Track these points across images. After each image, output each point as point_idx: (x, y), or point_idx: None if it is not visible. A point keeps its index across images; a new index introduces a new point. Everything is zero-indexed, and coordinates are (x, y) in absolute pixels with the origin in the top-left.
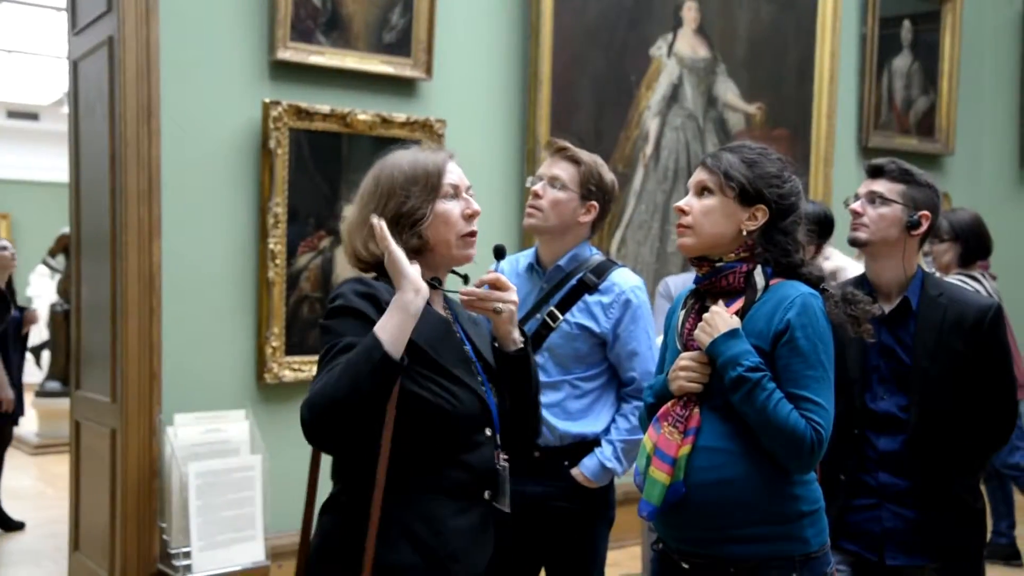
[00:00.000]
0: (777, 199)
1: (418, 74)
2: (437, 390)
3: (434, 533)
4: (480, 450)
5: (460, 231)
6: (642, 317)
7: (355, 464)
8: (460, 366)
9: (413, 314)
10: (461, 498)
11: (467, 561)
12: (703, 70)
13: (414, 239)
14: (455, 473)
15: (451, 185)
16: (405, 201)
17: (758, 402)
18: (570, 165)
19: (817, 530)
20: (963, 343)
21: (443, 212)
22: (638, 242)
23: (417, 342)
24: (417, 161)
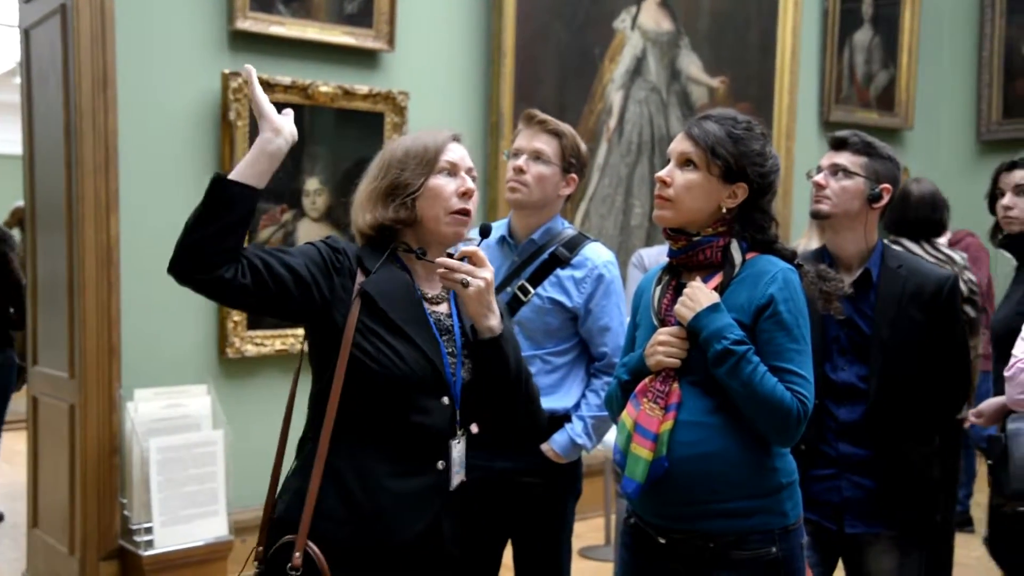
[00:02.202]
0: (759, 178)
1: (380, 45)
2: (381, 346)
3: (364, 488)
4: (431, 416)
5: (450, 207)
6: (614, 292)
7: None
8: (413, 326)
9: (269, 152)
10: (403, 461)
11: (395, 524)
12: (667, 43)
13: (403, 210)
14: (400, 435)
15: (448, 162)
16: (401, 173)
17: (744, 375)
18: (552, 138)
19: (794, 502)
20: (922, 313)
21: (435, 186)
22: (602, 215)
23: (372, 295)
24: (419, 138)
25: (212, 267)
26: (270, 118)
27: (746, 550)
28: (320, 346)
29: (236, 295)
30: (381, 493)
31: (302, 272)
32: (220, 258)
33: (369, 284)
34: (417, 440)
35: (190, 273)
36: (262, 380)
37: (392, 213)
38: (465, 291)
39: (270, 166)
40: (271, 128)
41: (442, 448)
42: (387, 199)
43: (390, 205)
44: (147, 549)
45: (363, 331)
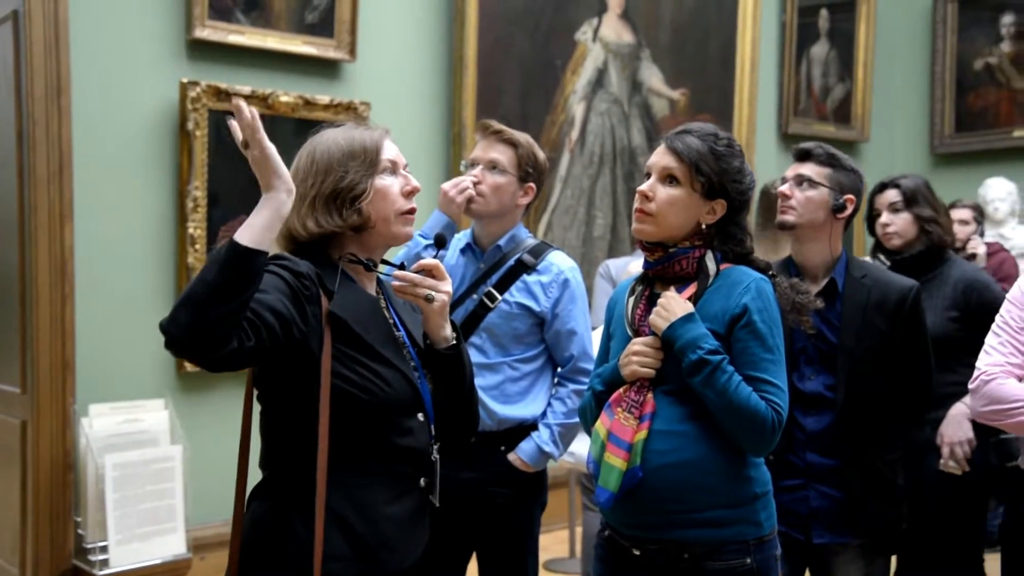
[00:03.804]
0: (738, 195)
1: (342, 55)
2: (364, 372)
3: (365, 520)
4: (413, 436)
5: (399, 208)
6: (579, 297)
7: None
8: (389, 347)
9: (283, 216)
10: (395, 485)
11: (401, 550)
12: (628, 55)
13: (354, 216)
14: (388, 459)
15: (389, 161)
16: (344, 176)
17: (719, 385)
18: (507, 148)
19: (768, 513)
20: (886, 322)
21: (382, 188)
22: (564, 227)
23: (344, 319)
24: (354, 137)
25: (227, 342)
26: (286, 177)
27: (720, 561)
28: (288, 377)
29: (241, 362)
30: (381, 522)
31: (283, 311)
32: (234, 332)
33: (337, 307)
34: (403, 461)
35: (204, 353)
36: (221, 394)
37: (342, 220)
38: (429, 306)
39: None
40: (286, 188)
41: (424, 465)
42: (332, 205)
43: (336, 211)
44: (102, 568)
45: (341, 358)
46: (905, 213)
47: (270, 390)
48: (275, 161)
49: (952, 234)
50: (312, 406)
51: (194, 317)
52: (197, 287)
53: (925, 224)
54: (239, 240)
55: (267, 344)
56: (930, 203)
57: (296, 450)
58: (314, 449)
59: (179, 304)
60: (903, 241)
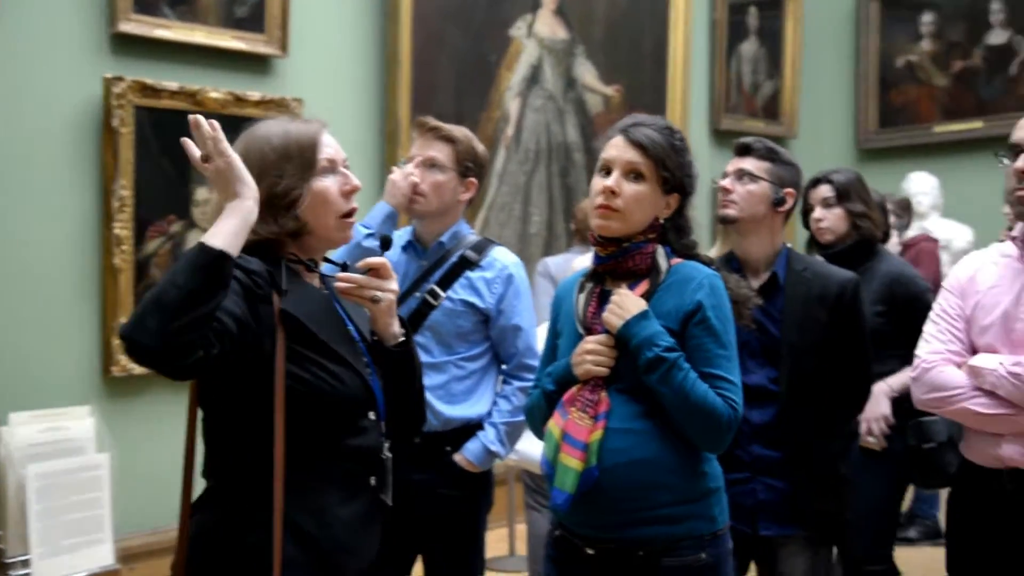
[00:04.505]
0: (690, 188)
1: (273, 51)
2: (319, 371)
3: (319, 524)
4: (365, 435)
5: (339, 211)
6: (524, 293)
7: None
8: (343, 345)
9: (251, 224)
10: (347, 486)
11: (355, 553)
12: (562, 52)
13: (290, 222)
14: (340, 459)
15: (327, 160)
16: (278, 181)
17: (675, 382)
18: (445, 144)
19: (722, 507)
20: (827, 315)
21: (321, 191)
22: (501, 224)
23: (298, 317)
24: (289, 135)
25: (195, 350)
26: (252, 184)
27: (676, 557)
28: (238, 379)
29: (205, 370)
30: (335, 524)
31: (239, 313)
32: (202, 339)
33: (290, 305)
34: (355, 461)
35: (172, 362)
36: (151, 399)
37: (278, 227)
38: (375, 306)
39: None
40: (254, 196)
41: (375, 464)
42: (267, 211)
43: (272, 218)
44: None
45: (295, 358)
46: (837, 208)
47: (216, 394)
48: (240, 169)
49: (883, 228)
50: (263, 408)
51: (164, 324)
52: (167, 292)
53: (856, 219)
54: (209, 243)
55: (228, 349)
56: (862, 198)
57: (246, 455)
58: (265, 453)
59: (145, 310)
60: (835, 236)
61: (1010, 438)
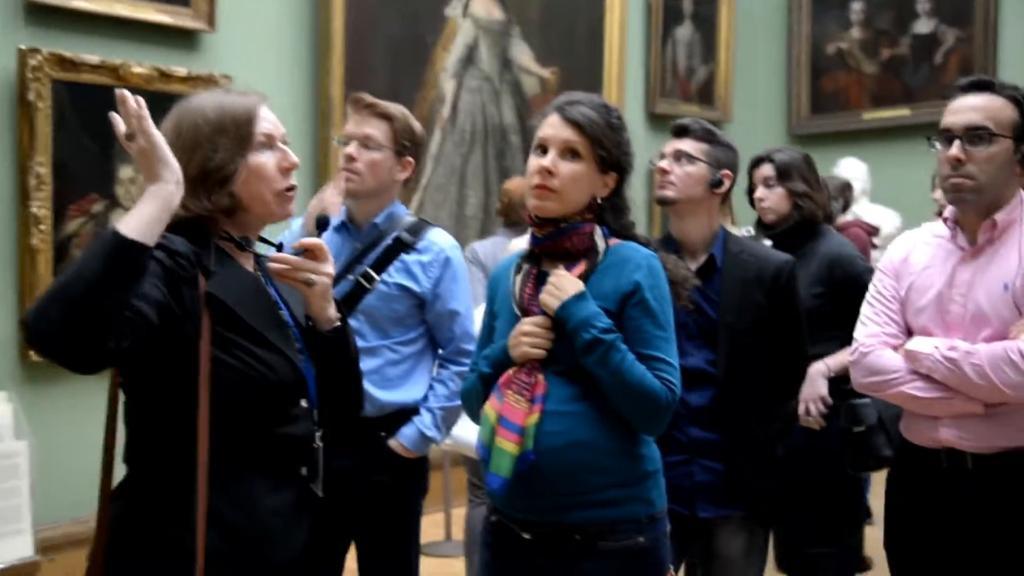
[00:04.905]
0: (627, 167)
1: (199, 25)
2: (247, 357)
3: (245, 515)
4: (296, 423)
5: (277, 187)
6: (462, 277)
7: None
8: (273, 330)
9: (172, 208)
10: (275, 476)
11: (283, 544)
12: (498, 32)
13: (224, 198)
14: (268, 448)
15: (264, 135)
16: (212, 155)
17: (613, 364)
18: (382, 122)
19: (660, 491)
20: (764, 297)
21: (257, 166)
22: (436, 205)
23: (225, 302)
24: (224, 107)
25: (102, 343)
26: (175, 167)
27: (613, 540)
28: (161, 364)
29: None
30: (261, 515)
31: (159, 298)
32: (111, 332)
33: (217, 287)
34: (284, 450)
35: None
36: (71, 385)
37: (211, 204)
38: (310, 289)
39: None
40: (176, 179)
41: (306, 454)
42: (200, 187)
43: (205, 194)
44: None
45: (221, 342)
46: (778, 188)
47: (139, 379)
48: (163, 150)
49: (824, 208)
50: (187, 395)
51: (67, 314)
52: (72, 281)
53: (797, 199)
54: (124, 232)
55: (144, 337)
56: (804, 177)
57: (169, 443)
58: (189, 441)
59: (48, 298)
60: (776, 216)
61: (947, 420)
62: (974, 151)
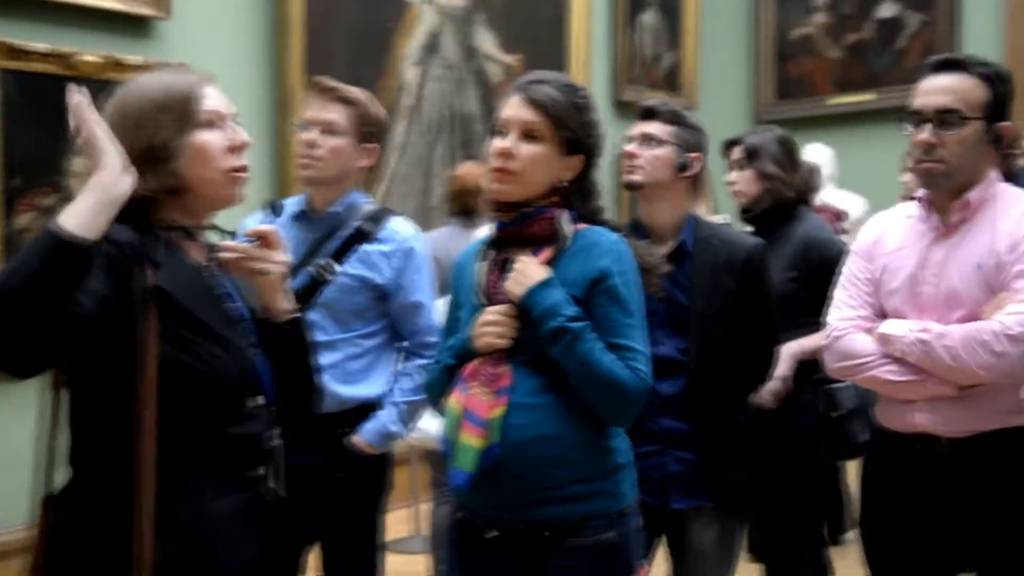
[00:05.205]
0: (594, 150)
1: (154, 12)
2: (195, 352)
3: (192, 517)
4: (249, 422)
5: (224, 166)
6: (425, 267)
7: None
8: (224, 324)
9: (114, 198)
10: (226, 477)
11: (233, 549)
12: (461, 19)
13: (168, 178)
14: (220, 448)
15: (210, 112)
16: (155, 132)
17: (580, 353)
18: (343, 107)
19: (630, 484)
20: (735, 282)
21: (201, 144)
22: (402, 196)
23: (172, 294)
24: (167, 86)
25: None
26: (114, 156)
27: (582, 536)
28: (105, 360)
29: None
30: (211, 519)
31: (102, 292)
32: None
33: (163, 279)
34: (238, 450)
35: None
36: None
37: (154, 183)
38: (263, 279)
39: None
40: (116, 167)
41: (262, 453)
42: (143, 166)
43: (148, 173)
44: None
45: (168, 337)
46: (748, 170)
47: (82, 376)
48: (100, 139)
49: (797, 189)
50: (132, 393)
51: (3, 317)
52: (9, 280)
53: (767, 180)
54: (64, 227)
55: (86, 334)
56: (775, 158)
57: (113, 444)
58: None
59: None
60: (747, 198)
61: (921, 404)
62: (945, 135)
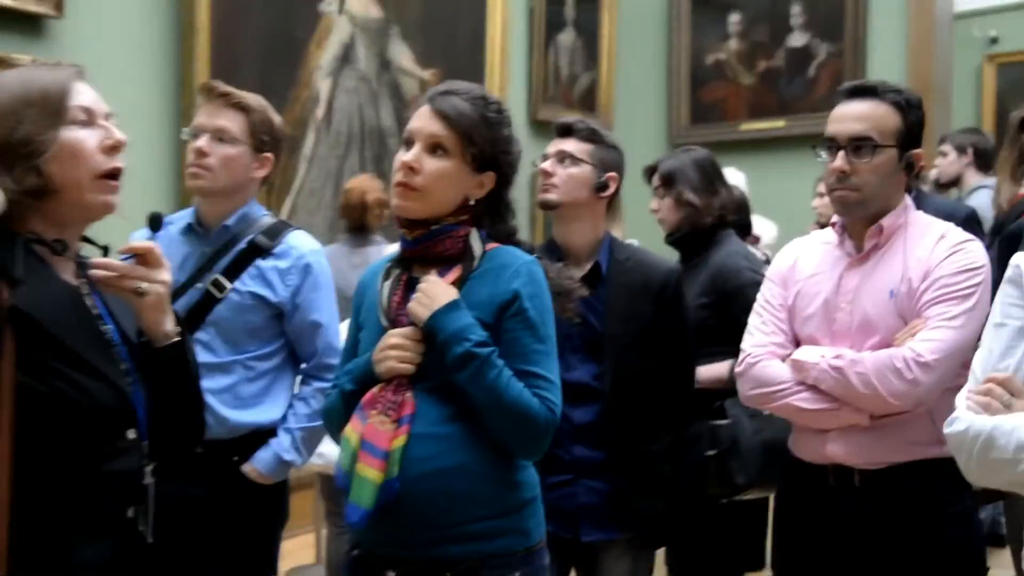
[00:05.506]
0: (508, 167)
1: (46, 10)
2: (59, 382)
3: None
4: (121, 458)
5: (96, 168)
6: (324, 285)
7: None
8: (94, 350)
9: None
10: (95, 520)
11: None
12: (376, 31)
13: (31, 176)
14: (87, 488)
15: (82, 108)
16: (16, 127)
17: (488, 381)
18: (237, 114)
19: (538, 520)
20: (651, 306)
21: (71, 142)
22: (310, 211)
23: (35, 318)
24: (32, 80)
25: None
26: None
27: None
28: None
29: None
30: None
31: None
32: None
33: (23, 299)
34: (106, 490)
35: None
36: None
37: (15, 183)
38: (140, 300)
39: None
40: None
41: (133, 493)
42: (2, 164)
43: (7, 170)
44: None
45: (28, 366)
46: (667, 198)
47: None
48: None
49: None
50: None
51: None
52: None
53: (684, 207)
54: None
55: None
56: (692, 184)
57: None
58: None
59: None
60: (670, 226)
61: (835, 435)
62: (859, 162)
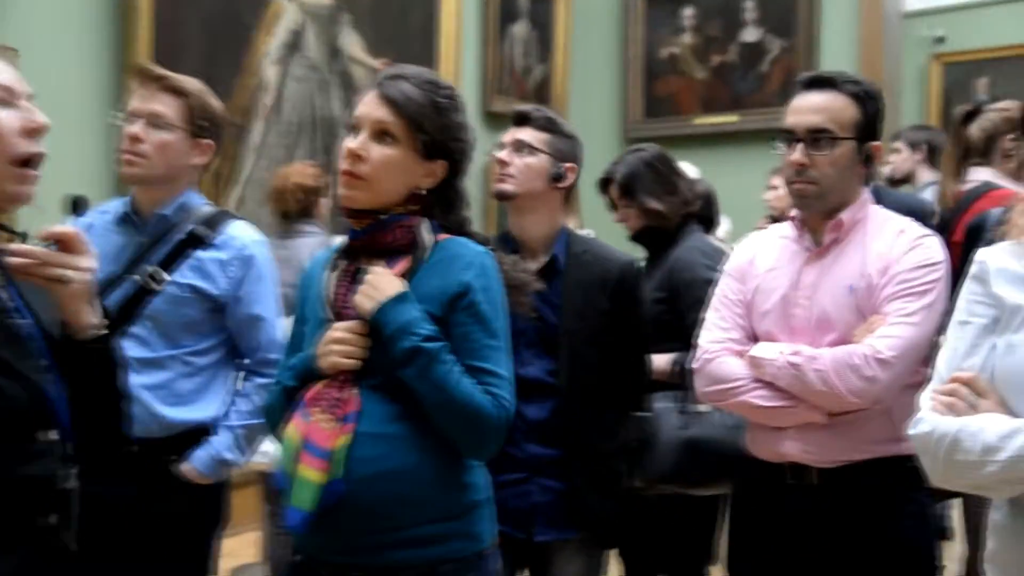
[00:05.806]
0: (459, 155)
1: None
2: None
3: None
4: (38, 461)
5: (13, 152)
6: (266, 277)
7: None
8: (7, 344)
9: None
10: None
11: None
12: (326, 19)
13: None
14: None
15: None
16: None
17: (436, 377)
18: (173, 98)
19: (490, 522)
20: (607, 300)
21: None
22: (258, 202)
23: None
24: None
25: None
26: None
27: None
28: None
29: None
30: None
31: None
32: None
33: None
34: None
35: None
36: None
37: None
38: (63, 289)
39: None
40: None
41: (54, 498)
42: None
43: None
44: None
45: None
46: (631, 207)
47: None
48: None
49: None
50: None
51: None
52: None
53: (647, 216)
54: None
55: None
56: (649, 189)
57: None
58: None
59: None
60: (634, 229)
61: (791, 432)
62: (817, 155)
